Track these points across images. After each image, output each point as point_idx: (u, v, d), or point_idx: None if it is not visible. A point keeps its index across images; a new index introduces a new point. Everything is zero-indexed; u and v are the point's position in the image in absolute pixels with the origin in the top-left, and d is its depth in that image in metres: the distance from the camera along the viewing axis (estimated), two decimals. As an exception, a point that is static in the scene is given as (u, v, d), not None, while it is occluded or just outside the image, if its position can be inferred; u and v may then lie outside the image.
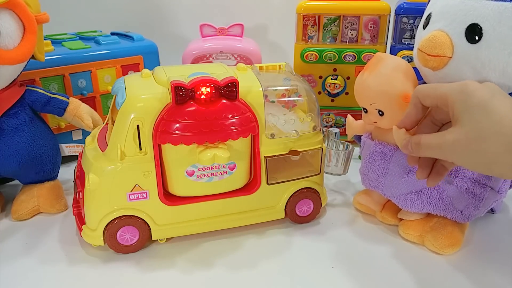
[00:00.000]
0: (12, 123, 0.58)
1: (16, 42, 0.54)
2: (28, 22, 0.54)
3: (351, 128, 0.60)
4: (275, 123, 0.54)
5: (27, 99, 0.60)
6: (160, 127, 0.47)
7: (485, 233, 0.57)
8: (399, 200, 0.55)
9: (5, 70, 0.55)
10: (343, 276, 0.49)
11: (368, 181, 0.58)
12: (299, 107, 0.58)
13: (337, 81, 0.79)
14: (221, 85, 0.47)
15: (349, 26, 0.77)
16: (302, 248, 0.54)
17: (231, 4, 1.10)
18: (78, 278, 0.49)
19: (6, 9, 0.52)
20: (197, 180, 0.52)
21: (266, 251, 0.53)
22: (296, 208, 0.57)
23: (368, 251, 0.54)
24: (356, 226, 0.59)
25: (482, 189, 0.51)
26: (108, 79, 0.75)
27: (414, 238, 0.54)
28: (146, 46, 0.79)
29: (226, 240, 0.55)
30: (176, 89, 0.46)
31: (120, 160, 0.49)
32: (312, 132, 0.56)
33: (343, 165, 0.67)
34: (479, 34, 0.45)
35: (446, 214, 0.53)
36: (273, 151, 0.54)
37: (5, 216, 0.61)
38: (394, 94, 0.50)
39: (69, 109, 0.63)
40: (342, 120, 0.83)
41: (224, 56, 0.81)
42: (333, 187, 0.69)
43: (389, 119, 0.52)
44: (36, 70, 0.67)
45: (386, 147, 0.54)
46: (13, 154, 0.58)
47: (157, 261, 0.52)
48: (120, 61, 0.75)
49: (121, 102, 0.48)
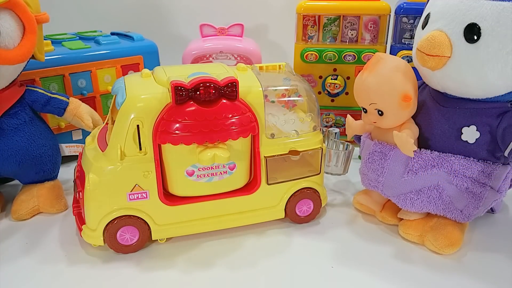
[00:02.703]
0: (12, 123, 0.58)
1: (16, 42, 0.54)
2: (28, 22, 0.54)
3: (351, 128, 0.61)
4: (275, 123, 0.55)
5: (27, 99, 0.60)
6: (160, 127, 0.47)
7: (485, 233, 0.57)
8: (399, 200, 0.55)
9: (5, 70, 0.55)
10: (343, 276, 0.49)
11: (368, 181, 0.58)
12: (299, 107, 0.58)
13: (337, 81, 0.79)
14: (221, 85, 0.47)
15: (349, 26, 0.77)
16: (302, 248, 0.54)
17: (231, 4, 1.10)
18: (78, 278, 0.49)
19: (6, 9, 0.52)
20: (197, 180, 0.52)
21: (266, 251, 0.53)
22: (296, 208, 0.57)
23: (368, 251, 0.54)
24: (356, 226, 0.59)
25: (482, 189, 0.51)
26: (108, 79, 0.75)
27: (414, 238, 0.54)
28: (146, 46, 0.79)
29: (226, 240, 0.55)
30: (176, 89, 0.46)
31: (120, 160, 0.49)
32: (312, 132, 0.56)
33: (343, 165, 0.67)
34: (478, 33, 0.45)
35: (446, 214, 0.53)
36: (273, 151, 0.54)
37: (5, 216, 0.61)
38: (393, 94, 0.51)
39: (69, 109, 0.63)
40: (342, 120, 0.83)
41: (224, 56, 0.81)
42: (333, 187, 0.69)
43: (389, 119, 0.52)
44: (36, 70, 0.67)
45: (385, 147, 0.54)
46: (13, 154, 0.58)
47: (157, 261, 0.52)
48: (120, 61, 0.75)
49: (121, 102, 0.48)
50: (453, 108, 0.51)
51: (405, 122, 0.53)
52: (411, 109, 0.52)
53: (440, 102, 0.53)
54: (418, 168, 0.52)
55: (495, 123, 0.49)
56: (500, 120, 0.49)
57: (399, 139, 0.50)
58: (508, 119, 0.49)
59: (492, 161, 0.50)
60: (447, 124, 0.51)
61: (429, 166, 0.52)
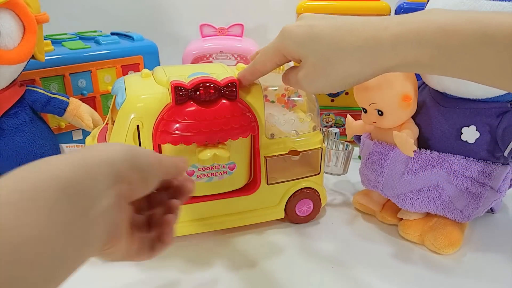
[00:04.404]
0: (12, 123, 0.58)
1: (16, 42, 0.54)
2: (28, 22, 0.54)
3: (351, 128, 0.61)
4: (275, 123, 0.55)
5: (27, 99, 0.60)
6: (160, 127, 0.47)
7: (484, 233, 0.57)
8: (399, 200, 0.55)
9: (5, 70, 0.55)
10: (343, 276, 0.49)
11: (368, 181, 0.58)
12: (299, 107, 0.58)
13: (337, 81, 0.79)
14: (221, 85, 0.47)
15: (349, 26, 0.77)
16: (302, 248, 0.54)
17: (231, 4, 1.10)
18: (77, 278, 0.49)
19: (6, 9, 0.52)
20: (197, 180, 0.52)
21: (266, 251, 0.53)
22: (296, 208, 0.57)
23: (368, 250, 0.54)
24: (356, 226, 0.59)
25: (482, 189, 0.51)
26: (108, 79, 0.75)
27: (414, 237, 0.55)
28: (146, 46, 0.79)
29: (225, 240, 0.55)
30: (176, 89, 0.46)
31: (120, 160, 0.49)
32: (312, 132, 0.56)
33: (343, 165, 0.67)
34: (478, 34, 0.45)
35: (445, 214, 0.53)
36: (273, 151, 0.54)
37: (5, 216, 0.61)
38: (393, 94, 0.51)
39: (69, 109, 0.63)
40: (342, 120, 0.83)
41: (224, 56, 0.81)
42: (333, 187, 0.69)
43: (389, 119, 0.52)
44: (36, 70, 0.67)
45: (385, 147, 0.54)
46: (14, 154, 0.58)
47: (156, 261, 0.51)
48: (120, 61, 0.75)
49: (121, 102, 0.48)
50: (453, 108, 0.51)
51: (405, 122, 0.53)
52: (411, 109, 0.52)
53: (440, 102, 0.53)
54: (418, 168, 0.52)
55: (495, 123, 0.49)
56: (500, 120, 0.49)
57: (399, 139, 0.50)
58: (508, 119, 0.49)
59: (491, 161, 0.50)
60: (447, 124, 0.52)
61: (429, 166, 0.52)
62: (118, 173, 0.29)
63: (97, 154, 0.28)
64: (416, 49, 0.36)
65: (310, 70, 0.41)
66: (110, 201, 0.28)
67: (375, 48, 0.37)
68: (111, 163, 0.28)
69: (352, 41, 0.38)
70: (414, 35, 0.36)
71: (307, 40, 0.40)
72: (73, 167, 0.26)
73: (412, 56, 0.36)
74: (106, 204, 0.27)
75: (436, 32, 0.35)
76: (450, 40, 0.35)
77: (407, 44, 0.36)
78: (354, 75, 0.40)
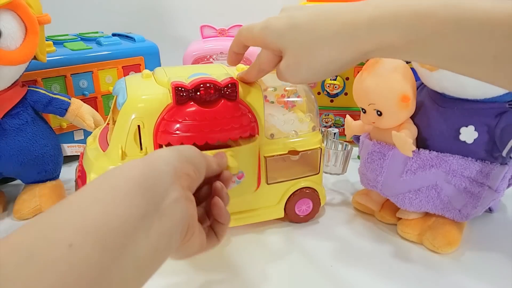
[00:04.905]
0: (14, 123, 0.58)
1: (18, 43, 0.54)
2: (30, 23, 0.54)
3: (350, 128, 0.61)
4: (274, 124, 0.55)
5: (29, 99, 0.60)
6: (160, 127, 0.48)
7: (483, 232, 0.57)
8: (398, 199, 0.55)
9: (7, 71, 0.55)
10: (342, 275, 0.50)
11: (367, 181, 0.58)
12: (298, 107, 0.59)
13: (336, 82, 0.80)
14: (221, 86, 0.48)
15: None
16: (302, 247, 0.54)
17: (232, 5, 1.10)
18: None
19: (8, 10, 0.52)
20: None
21: (265, 250, 0.54)
22: (295, 208, 0.58)
23: (367, 250, 0.54)
24: (355, 225, 0.59)
25: (480, 188, 0.51)
26: (109, 80, 0.76)
27: (413, 237, 0.55)
28: (147, 47, 0.79)
29: (225, 240, 0.55)
30: (177, 89, 0.46)
31: (121, 160, 0.49)
32: (311, 132, 0.56)
33: (342, 164, 0.68)
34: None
35: (444, 213, 0.54)
36: (272, 151, 0.54)
37: (7, 216, 0.61)
38: (392, 95, 0.51)
39: (71, 110, 0.63)
40: (341, 120, 0.83)
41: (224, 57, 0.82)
42: (332, 187, 0.69)
43: (387, 119, 0.53)
44: (38, 71, 0.67)
45: (384, 147, 0.55)
46: (15, 154, 0.58)
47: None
48: (121, 62, 0.76)
49: (122, 102, 0.49)
50: (451, 108, 0.51)
51: (404, 122, 0.53)
52: (409, 110, 0.53)
53: (438, 102, 0.53)
54: (417, 168, 0.52)
55: (493, 123, 0.49)
56: (498, 120, 0.49)
57: (398, 139, 0.50)
58: (506, 119, 0.49)
59: (490, 161, 0.51)
60: (445, 124, 0.52)
61: (427, 166, 0.52)
62: (176, 168, 0.32)
63: (154, 158, 0.32)
64: (392, 33, 0.35)
65: (291, 61, 0.41)
66: (177, 194, 0.31)
67: (352, 32, 0.37)
68: (167, 162, 0.32)
69: (329, 26, 0.38)
70: (390, 19, 0.35)
71: (286, 31, 0.40)
72: (141, 169, 0.30)
73: (389, 40, 0.35)
74: (174, 196, 0.31)
75: (411, 16, 0.34)
76: (425, 25, 0.33)
77: (383, 27, 0.35)
78: (334, 61, 0.39)
